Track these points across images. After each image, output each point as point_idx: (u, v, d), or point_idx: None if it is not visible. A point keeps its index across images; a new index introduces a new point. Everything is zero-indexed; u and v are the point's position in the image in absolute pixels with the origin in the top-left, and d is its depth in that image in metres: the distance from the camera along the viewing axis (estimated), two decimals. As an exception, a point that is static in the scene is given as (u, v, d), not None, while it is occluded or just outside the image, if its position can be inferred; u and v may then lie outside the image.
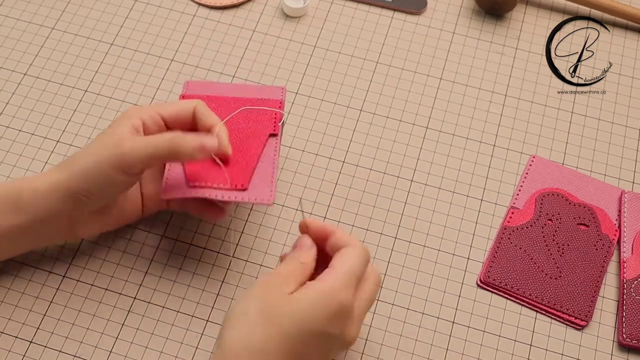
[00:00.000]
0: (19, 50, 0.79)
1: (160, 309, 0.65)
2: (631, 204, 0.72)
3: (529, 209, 0.71)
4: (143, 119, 0.60)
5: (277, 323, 0.53)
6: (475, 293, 0.67)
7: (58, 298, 0.65)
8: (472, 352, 0.65)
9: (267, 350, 0.52)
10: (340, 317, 0.54)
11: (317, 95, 0.78)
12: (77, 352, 0.63)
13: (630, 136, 0.77)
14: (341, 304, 0.54)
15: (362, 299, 0.57)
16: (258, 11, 0.83)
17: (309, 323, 0.53)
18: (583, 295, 0.67)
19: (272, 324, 0.53)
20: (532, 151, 0.76)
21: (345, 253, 0.56)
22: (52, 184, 0.59)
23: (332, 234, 0.58)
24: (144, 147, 0.58)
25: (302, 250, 0.58)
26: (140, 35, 0.81)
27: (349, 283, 0.55)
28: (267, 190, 0.62)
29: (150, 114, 0.61)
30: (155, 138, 0.59)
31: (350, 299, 0.55)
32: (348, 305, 0.54)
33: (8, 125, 0.74)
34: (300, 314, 0.53)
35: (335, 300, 0.54)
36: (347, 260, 0.56)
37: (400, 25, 0.83)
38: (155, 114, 0.61)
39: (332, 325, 0.54)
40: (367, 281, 0.58)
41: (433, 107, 0.78)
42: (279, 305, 0.53)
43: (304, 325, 0.53)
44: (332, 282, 0.54)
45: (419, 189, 0.73)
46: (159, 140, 0.58)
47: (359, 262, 0.56)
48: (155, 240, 0.68)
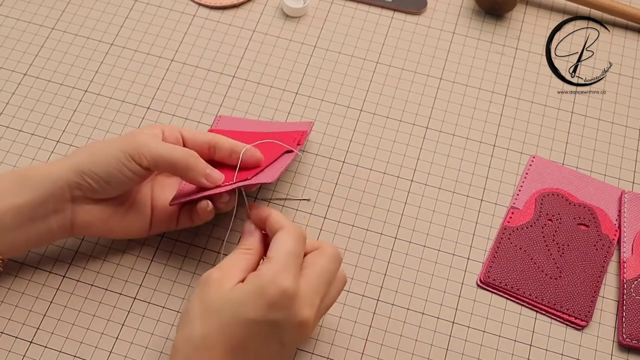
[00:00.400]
0: (19, 50, 0.79)
1: (160, 309, 0.65)
2: (631, 204, 0.72)
3: (529, 209, 0.71)
4: (163, 129, 0.63)
5: (215, 317, 0.54)
6: (475, 293, 0.67)
7: (58, 298, 0.65)
8: (472, 352, 0.65)
9: (207, 344, 0.54)
10: (284, 302, 0.54)
11: (317, 95, 0.78)
12: (77, 352, 0.63)
13: (630, 136, 0.77)
14: (281, 290, 0.54)
15: (310, 276, 0.56)
16: (258, 11, 0.83)
17: (248, 312, 0.54)
18: (583, 296, 0.67)
19: (210, 318, 0.54)
20: (532, 151, 0.76)
21: (278, 238, 0.57)
22: (59, 161, 0.61)
23: (268, 218, 0.59)
24: (158, 146, 0.61)
25: (244, 237, 0.60)
26: (140, 35, 0.81)
27: (287, 267, 0.55)
28: (271, 175, 0.63)
29: (171, 129, 0.64)
30: (171, 145, 0.62)
31: (292, 283, 0.54)
32: (289, 289, 0.54)
33: (8, 125, 0.74)
34: (237, 306, 0.54)
35: (274, 288, 0.54)
36: (282, 245, 0.56)
37: (400, 25, 0.83)
38: (176, 131, 0.64)
39: (274, 312, 0.54)
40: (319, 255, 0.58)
41: (433, 107, 0.78)
42: (217, 300, 0.54)
43: (241, 315, 0.54)
44: (267, 271, 0.55)
45: (419, 189, 0.73)
46: (174, 147, 0.61)
47: (293, 243, 0.57)
48: (155, 241, 0.68)
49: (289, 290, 0.54)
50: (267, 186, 0.71)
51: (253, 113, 0.76)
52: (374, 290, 0.67)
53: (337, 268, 0.58)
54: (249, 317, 0.54)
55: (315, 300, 0.56)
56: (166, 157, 0.60)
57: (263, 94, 0.77)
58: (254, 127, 0.71)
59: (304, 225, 0.70)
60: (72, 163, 0.60)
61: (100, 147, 0.61)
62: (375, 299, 0.67)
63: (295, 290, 0.55)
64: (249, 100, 0.77)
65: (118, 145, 0.60)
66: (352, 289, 0.67)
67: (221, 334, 0.54)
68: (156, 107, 0.76)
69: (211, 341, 0.54)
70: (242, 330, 0.54)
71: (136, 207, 0.64)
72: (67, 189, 0.60)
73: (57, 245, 0.67)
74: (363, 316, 0.66)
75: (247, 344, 0.54)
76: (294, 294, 0.54)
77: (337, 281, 0.59)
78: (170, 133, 0.64)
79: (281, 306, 0.54)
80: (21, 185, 0.60)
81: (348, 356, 0.64)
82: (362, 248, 0.69)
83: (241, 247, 0.59)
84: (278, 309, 0.54)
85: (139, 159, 0.60)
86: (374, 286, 0.67)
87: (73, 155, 0.61)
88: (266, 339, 0.55)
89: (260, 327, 0.54)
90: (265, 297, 0.54)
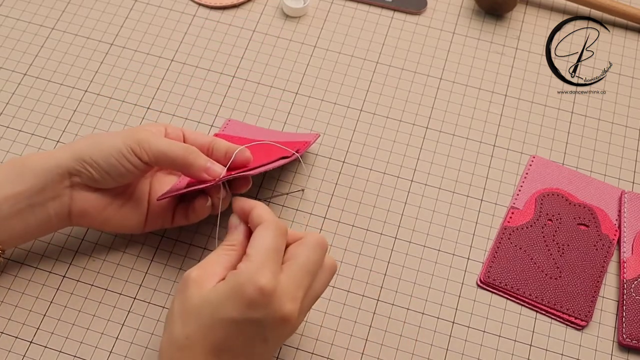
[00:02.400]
0: (19, 50, 0.79)
1: (160, 309, 0.65)
2: (631, 204, 0.72)
3: (529, 209, 0.71)
4: (166, 127, 0.64)
5: (195, 318, 0.54)
6: (475, 293, 0.67)
7: (58, 298, 0.65)
8: (472, 353, 0.65)
9: (189, 344, 0.54)
10: (263, 300, 0.53)
11: (317, 96, 0.78)
12: (77, 352, 0.63)
13: (630, 136, 0.77)
14: (259, 288, 0.53)
15: (291, 269, 0.55)
16: (258, 11, 0.83)
17: (226, 313, 0.53)
18: (583, 296, 0.67)
19: (191, 319, 0.54)
20: (532, 151, 0.76)
21: (257, 233, 0.56)
22: (61, 148, 0.61)
23: (251, 212, 0.58)
24: (159, 142, 0.61)
25: (229, 232, 0.59)
26: (140, 35, 0.81)
27: (266, 264, 0.54)
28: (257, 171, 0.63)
29: (174, 127, 0.65)
30: (172, 141, 0.62)
31: (270, 280, 0.53)
32: (266, 287, 0.53)
33: (8, 125, 0.74)
34: (216, 306, 0.54)
35: (252, 285, 0.53)
36: (260, 241, 0.56)
37: (400, 25, 0.83)
38: (178, 130, 0.65)
39: (253, 310, 0.53)
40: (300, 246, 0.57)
41: (433, 107, 0.78)
42: (196, 301, 0.54)
43: (220, 315, 0.53)
44: (244, 270, 0.54)
45: (419, 189, 0.73)
46: (174, 143, 0.62)
47: (272, 238, 0.56)
48: (155, 241, 0.68)
49: (266, 288, 0.53)
50: (267, 186, 0.71)
51: (253, 113, 0.76)
52: (374, 290, 0.67)
53: (321, 257, 0.57)
54: (227, 317, 0.53)
55: (298, 293, 0.55)
56: (167, 152, 0.61)
57: (263, 94, 0.77)
58: (261, 135, 0.71)
59: (303, 226, 0.70)
60: (75, 150, 0.61)
61: (103, 138, 0.61)
62: (375, 299, 0.67)
63: (274, 287, 0.54)
64: (249, 100, 0.77)
65: (121, 137, 0.61)
66: (352, 289, 0.67)
67: (201, 335, 0.54)
68: (156, 107, 0.76)
69: (192, 341, 0.54)
70: (223, 330, 0.54)
71: (133, 200, 0.64)
72: (66, 176, 0.61)
73: (57, 245, 0.67)
74: (363, 316, 0.66)
75: (229, 343, 0.54)
76: (273, 290, 0.53)
77: (324, 270, 0.58)
78: (172, 130, 0.64)
79: (260, 304, 0.53)
80: (21, 173, 0.60)
81: (348, 356, 0.64)
82: (362, 248, 0.69)
83: (225, 243, 0.58)
84: (257, 307, 0.53)
85: (140, 153, 0.60)
86: (374, 286, 0.67)
87: (76, 142, 0.62)
88: (248, 337, 0.55)
89: (241, 326, 0.54)
90: (244, 296, 0.53)
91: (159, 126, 0.64)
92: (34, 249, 0.67)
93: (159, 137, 0.62)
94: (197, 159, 0.61)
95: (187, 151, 0.61)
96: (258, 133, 0.72)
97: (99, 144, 0.61)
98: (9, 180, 0.60)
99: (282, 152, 0.66)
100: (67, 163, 0.60)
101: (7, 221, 0.60)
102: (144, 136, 0.61)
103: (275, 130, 0.75)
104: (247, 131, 0.73)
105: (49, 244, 0.67)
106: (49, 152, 0.61)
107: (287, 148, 0.67)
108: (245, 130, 0.73)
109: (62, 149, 0.61)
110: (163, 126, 0.64)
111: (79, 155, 0.60)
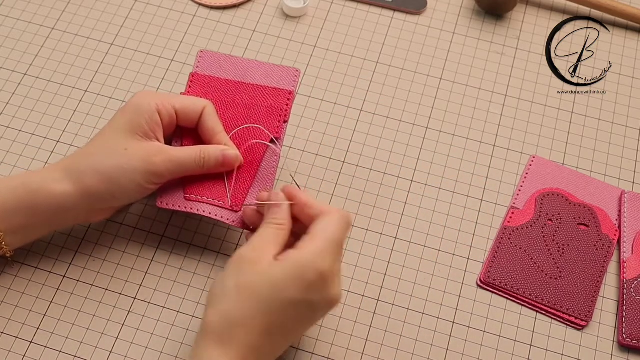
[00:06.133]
0: (19, 50, 0.79)
1: (160, 309, 0.65)
2: (631, 204, 0.72)
3: (529, 209, 0.71)
4: (159, 109, 0.63)
5: (254, 296, 0.54)
6: (475, 293, 0.67)
7: (58, 298, 0.65)
8: (472, 352, 0.65)
9: (246, 322, 0.54)
10: (320, 284, 0.55)
11: (317, 95, 0.78)
12: (77, 352, 0.63)
13: (630, 136, 0.77)
14: (320, 273, 0.55)
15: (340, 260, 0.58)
16: (258, 11, 0.83)
17: (287, 293, 0.54)
18: (583, 295, 0.67)
19: (249, 297, 0.54)
20: (532, 151, 0.76)
21: (326, 220, 0.57)
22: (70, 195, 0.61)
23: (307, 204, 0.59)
24: (173, 162, 0.62)
25: (273, 209, 0.59)
26: (140, 35, 0.81)
27: (329, 250, 0.56)
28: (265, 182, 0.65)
29: (166, 106, 0.64)
30: (182, 152, 0.63)
31: (330, 266, 0.55)
32: (327, 272, 0.55)
33: (8, 125, 0.74)
34: (277, 286, 0.54)
35: (313, 269, 0.55)
36: (329, 228, 0.57)
37: (400, 25, 0.83)
38: (169, 106, 0.64)
39: (311, 293, 0.55)
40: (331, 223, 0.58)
41: (433, 107, 0.78)
42: (254, 278, 0.55)
43: (281, 295, 0.54)
44: (309, 251, 0.55)
45: (419, 189, 0.73)
46: (187, 154, 0.63)
47: (340, 230, 0.57)
48: (155, 240, 0.68)
49: (325, 273, 0.55)
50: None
51: (253, 113, 0.76)
52: (374, 290, 0.67)
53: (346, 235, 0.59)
54: (288, 296, 0.54)
55: (340, 275, 0.58)
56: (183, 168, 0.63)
57: (263, 94, 0.77)
58: (238, 71, 0.70)
59: (304, 225, 0.70)
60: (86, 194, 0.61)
61: (119, 173, 0.61)
62: (375, 299, 0.67)
63: (332, 273, 0.56)
64: (249, 100, 0.77)
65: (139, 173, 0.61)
66: (352, 289, 0.67)
67: (260, 312, 0.54)
68: (156, 107, 0.76)
69: (249, 319, 0.54)
70: (281, 309, 0.54)
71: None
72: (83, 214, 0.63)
73: (57, 245, 0.67)
74: (363, 316, 0.66)
75: (284, 322, 0.55)
76: (330, 277, 0.55)
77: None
78: (165, 111, 0.63)
79: (318, 287, 0.55)
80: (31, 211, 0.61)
81: (348, 356, 0.64)
82: (362, 248, 0.69)
83: (272, 222, 0.58)
84: (315, 290, 0.55)
85: (160, 179, 0.62)
86: (374, 286, 0.67)
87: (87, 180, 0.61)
88: (301, 317, 0.56)
89: (297, 306, 0.55)
90: (305, 278, 0.54)
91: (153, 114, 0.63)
92: (34, 249, 0.67)
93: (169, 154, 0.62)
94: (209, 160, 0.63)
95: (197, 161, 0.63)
96: (234, 69, 0.70)
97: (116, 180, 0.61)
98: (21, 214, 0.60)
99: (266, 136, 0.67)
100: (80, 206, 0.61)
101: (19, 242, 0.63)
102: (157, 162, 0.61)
103: (251, 60, 0.71)
104: (222, 68, 0.70)
105: (49, 244, 0.67)
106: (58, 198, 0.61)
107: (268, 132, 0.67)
108: (219, 66, 0.70)
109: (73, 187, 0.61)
110: (156, 108, 0.63)
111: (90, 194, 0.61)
